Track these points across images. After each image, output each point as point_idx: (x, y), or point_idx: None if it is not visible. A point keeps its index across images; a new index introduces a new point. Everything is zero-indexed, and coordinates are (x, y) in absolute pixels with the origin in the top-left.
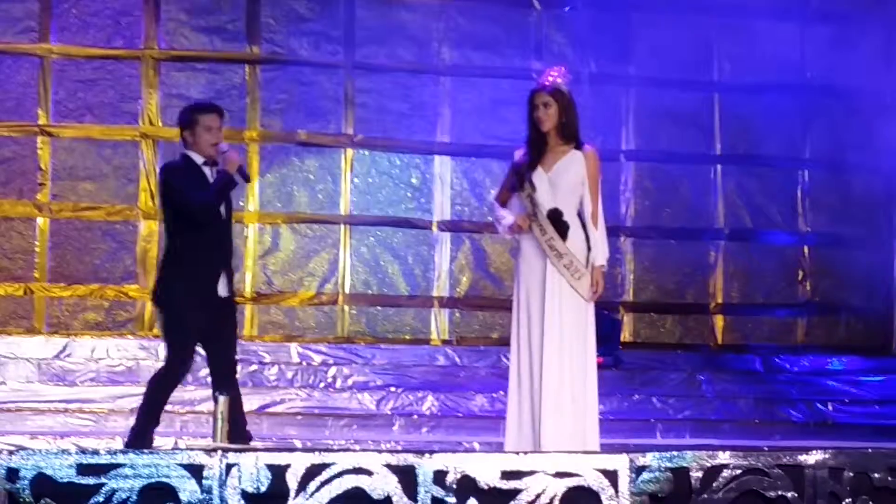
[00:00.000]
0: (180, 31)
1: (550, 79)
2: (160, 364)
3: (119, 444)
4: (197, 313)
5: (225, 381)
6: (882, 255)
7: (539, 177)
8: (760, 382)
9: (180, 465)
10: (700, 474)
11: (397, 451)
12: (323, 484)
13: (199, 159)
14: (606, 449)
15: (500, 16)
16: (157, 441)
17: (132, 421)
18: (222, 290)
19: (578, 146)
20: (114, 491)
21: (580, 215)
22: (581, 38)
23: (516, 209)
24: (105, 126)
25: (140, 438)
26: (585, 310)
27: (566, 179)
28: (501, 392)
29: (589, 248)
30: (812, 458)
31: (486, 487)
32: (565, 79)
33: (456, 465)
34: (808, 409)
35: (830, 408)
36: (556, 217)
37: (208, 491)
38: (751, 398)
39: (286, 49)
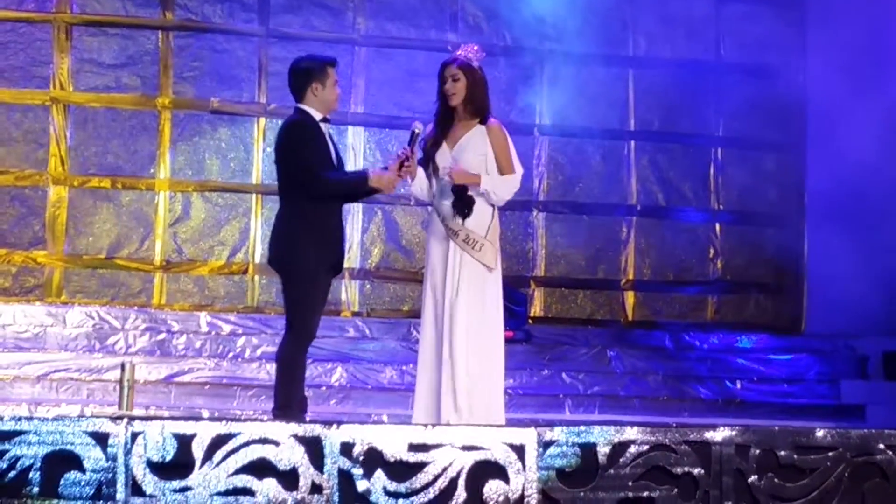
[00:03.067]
0: None
1: (461, 53)
2: (70, 330)
3: (25, 410)
4: (325, 280)
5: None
6: (792, 235)
7: (443, 154)
8: (670, 359)
9: (85, 432)
10: (607, 450)
11: (304, 422)
12: (229, 454)
13: (317, 115)
14: (515, 423)
15: None
16: (63, 409)
17: (39, 388)
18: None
19: (484, 121)
20: (17, 458)
21: None
22: (496, 11)
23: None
24: (15, 90)
25: (287, 412)
26: (489, 282)
27: (469, 155)
28: (411, 365)
29: (493, 217)
30: (719, 434)
31: (392, 460)
32: (477, 56)
33: (363, 436)
34: (717, 387)
35: (739, 385)
36: (460, 192)
37: (113, 459)
38: (660, 375)
39: (200, 16)
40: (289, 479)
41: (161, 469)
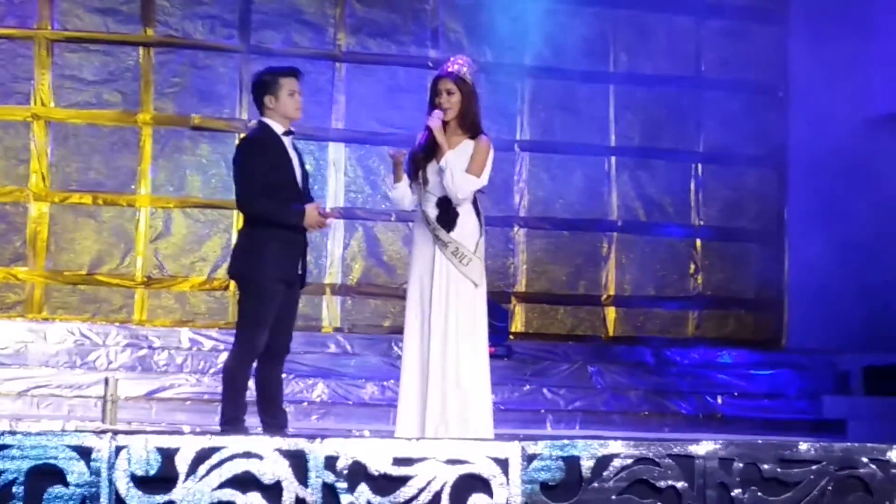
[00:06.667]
0: (74, 11)
1: (456, 66)
2: (51, 347)
3: (6, 426)
4: (278, 292)
5: (273, 362)
6: (773, 250)
7: (432, 168)
8: (651, 374)
9: (69, 446)
10: (591, 463)
11: (288, 436)
12: (213, 468)
13: (279, 128)
14: (497, 438)
15: (397, 3)
16: (44, 425)
17: (20, 403)
18: (300, 267)
19: (474, 137)
20: (0, 472)
21: (473, 202)
22: (477, 28)
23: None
24: None
25: (233, 428)
26: (476, 298)
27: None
28: (392, 381)
29: (481, 234)
30: (702, 448)
31: (376, 474)
32: (470, 68)
33: (347, 450)
34: (698, 402)
35: (720, 401)
36: (444, 205)
37: (97, 473)
38: (641, 390)
39: (181, 32)
40: (273, 492)
41: (145, 483)
